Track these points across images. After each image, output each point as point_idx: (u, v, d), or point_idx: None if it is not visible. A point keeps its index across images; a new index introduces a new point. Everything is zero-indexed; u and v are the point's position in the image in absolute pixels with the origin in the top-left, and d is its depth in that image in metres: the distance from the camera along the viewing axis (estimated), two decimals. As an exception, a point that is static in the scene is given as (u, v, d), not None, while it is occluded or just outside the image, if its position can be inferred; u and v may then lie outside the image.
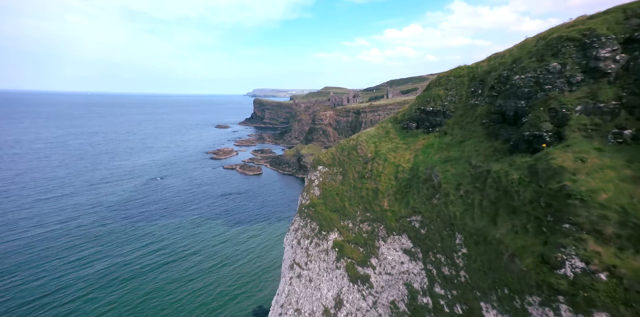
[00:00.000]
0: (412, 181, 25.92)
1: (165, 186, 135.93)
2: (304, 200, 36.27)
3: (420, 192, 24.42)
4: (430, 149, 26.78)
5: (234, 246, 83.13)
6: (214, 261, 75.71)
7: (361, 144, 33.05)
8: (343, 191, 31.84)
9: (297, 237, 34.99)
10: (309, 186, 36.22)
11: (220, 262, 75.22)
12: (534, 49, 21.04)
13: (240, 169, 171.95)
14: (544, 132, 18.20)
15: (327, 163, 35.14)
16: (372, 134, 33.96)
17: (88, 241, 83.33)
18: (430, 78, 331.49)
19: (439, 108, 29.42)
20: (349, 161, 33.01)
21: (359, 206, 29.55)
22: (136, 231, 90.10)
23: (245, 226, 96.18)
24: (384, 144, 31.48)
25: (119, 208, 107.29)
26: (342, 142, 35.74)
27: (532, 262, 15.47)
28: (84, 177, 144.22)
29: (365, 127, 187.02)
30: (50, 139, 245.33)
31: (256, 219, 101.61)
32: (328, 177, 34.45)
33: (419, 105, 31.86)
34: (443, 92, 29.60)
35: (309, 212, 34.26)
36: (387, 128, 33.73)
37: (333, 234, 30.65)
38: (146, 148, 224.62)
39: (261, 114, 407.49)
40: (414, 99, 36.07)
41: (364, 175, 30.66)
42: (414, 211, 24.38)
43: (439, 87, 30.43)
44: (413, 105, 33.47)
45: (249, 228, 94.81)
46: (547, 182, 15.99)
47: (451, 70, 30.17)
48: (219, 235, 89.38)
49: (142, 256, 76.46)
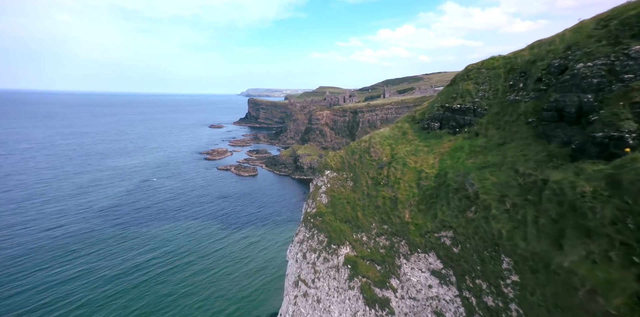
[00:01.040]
0: (439, 189, 22.35)
1: (157, 188, 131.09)
2: (310, 208, 32.62)
3: (450, 203, 20.87)
4: (459, 153, 23.24)
5: (232, 254, 78.51)
6: (211, 271, 70.82)
7: (374, 146, 29.39)
8: (355, 199, 28.21)
9: (302, 250, 31.28)
10: (315, 193, 32.55)
11: (218, 272, 70.48)
12: (599, 31, 17.57)
13: (235, 170, 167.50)
14: (625, 132, 14.57)
15: (336, 167, 31.48)
16: (387, 135, 30.25)
17: (75, 250, 78.46)
18: (425, 77, 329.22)
19: (468, 105, 25.80)
20: (361, 165, 29.37)
21: (374, 217, 25.96)
22: (127, 238, 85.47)
23: (244, 231, 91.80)
24: (401, 146, 27.87)
25: (109, 213, 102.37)
26: (352, 144, 32.09)
27: (623, 303, 11.96)
28: (73, 180, 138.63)
29: (363, 127, 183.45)
30: (39, 139, 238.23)
31: (254, 223, 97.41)
32: (337, 183, 30.82)
33: (443, 102, 28.25)
34: (473, 86, 26.00)
35: (316, 222, 30.60)
36: (404, 128, 30.09)
37: (344, 248, 27.02)
38: (138, 149, 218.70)
39: (256, 114, 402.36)
40: (413, 98, 32.35)
41: (379, 181, 27.03)
42: (444, 225, 20.82)
43: (467, 81, 26.79)
44: (435, 103, 29.76)
45: (248, 233, 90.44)
46: (638, 197, 12.50)
47: (482, 61, 26.52)
48: (216, 241, 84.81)
49: (134, 267, 71.60)
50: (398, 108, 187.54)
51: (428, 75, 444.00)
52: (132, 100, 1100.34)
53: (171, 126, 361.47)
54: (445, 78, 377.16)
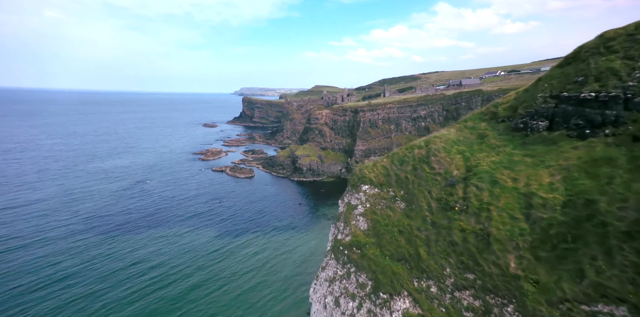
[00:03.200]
0: (579, 228, 14.24)
1: (148, 191, 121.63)
2: (341, 234, 24.60)
3: (613, 255, 12.89)
4: (608, 168, 15.02)
5: (231, 267, 69.21)
6: (209, 289, 61.74)
7: (437, 154, 21.27)
8: (412, 228, 20.19)
9: (333, 293, 23.20)
10: (348, 214, 24.53)
11: (218, 289, 61.52)
12: None
13: (230, 172, 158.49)
14: None
15: (378, 181, 23.42)
16: (454, 139, 21.86)
17: (57, 262, 68.95)
18: (422, 77, 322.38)
19: (614, 92, 17.42)
20: (418, 181, 21.33)
21: (448, 258, 17.98)
22: (116, 248, 76.03)
23: (244, 239, 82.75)
24: (481, 155, 19.80)
25: (97, 220, 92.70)
26: (398, 151, 23.90)
27: None
28: (58, 182, 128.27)
29: (364, 127, 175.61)
30: (22, 139, 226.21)
31: (255, 231, 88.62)
32: (380, 203, 22.86)
33: (556, 90, 19.77)
34: (620, 63, 17.55)
35: (352, 255, 22.58)
36: (480, 129, 21.80)
37: (400, 301, 19.02)
38: (129, 149, 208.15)
39: (250, 113, 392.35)
40: (415, 97, 23.92)
41: (450, 205, 19.01)
42: (604, 293, 12.77)
43: (609, 56, 18.14)
44: (536, 92, 21.06)
45: (249, 242, 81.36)
46: None
47: (636, 23, 17.69)
48: (214, 251, 75.52)
49: (122, 283, 62.24)
50: (400, 107, 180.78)
51: (425, 75, 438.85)
52: (123, 99, 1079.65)
53: (163, 125, 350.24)
54: (443, 77, 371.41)
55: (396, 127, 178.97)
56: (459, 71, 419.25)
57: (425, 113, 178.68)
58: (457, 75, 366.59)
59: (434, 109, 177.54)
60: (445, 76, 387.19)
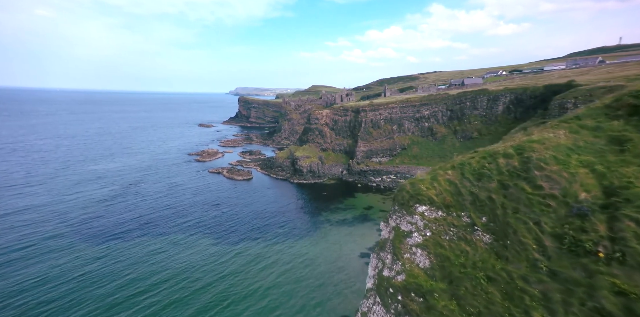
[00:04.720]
0: None
1: (143, 195, 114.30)
2: (389, 270, 18.44)
3: None
4: None
5: (237, 286, 61.85)
6: (211, 312, 54.71)
7: (544, 166, 14.60)
8: (511, 276, 14.04)
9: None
10: (399, 244, 18.33)
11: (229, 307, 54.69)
12: None
13: (227, 173, 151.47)
14: None
15: (442, 202, 17.21)
16: (569, 145, 15.20)
17: (44, 275, 61.91)
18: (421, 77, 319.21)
19: None
20: (512, 204, 14.98)
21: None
22: (109, 259, 69.00)
23: (248, 249, 74.59)
24: (628, 169, 13.29)
25: (87, 227, 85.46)
26: (469, 160, 17.38)
27: None
28: (47, 185, 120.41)
29: (366, 127, 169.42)
30: (10, 139, 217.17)
31: (257, 239, 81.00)
32: (449, 233, 16.77)
33: None
34: None
35: (412, 305, 16.41)
36: (614, 130, 15.19)
37: None
38: (122, 149, 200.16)
39: (247, 113, 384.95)
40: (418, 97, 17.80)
41: (585, 247, 12.73)
42: None
43: None
44: None
45: (253, 251, 73.52)
46: None
47: None
48: (218, 264, 68.48)
49: (114, 305, 55.18)
50: (403, 107, 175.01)
51: (424, 75, 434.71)
52: (117, 99, 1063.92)
53: (158, 125, 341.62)
54: (442, 77, 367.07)
55: (399, 127, 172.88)
56: (458, 71, 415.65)
57: (429, 113, 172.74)
58: (456, 75, 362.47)
59: (438, 109, 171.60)
60: (444, 76, 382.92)
